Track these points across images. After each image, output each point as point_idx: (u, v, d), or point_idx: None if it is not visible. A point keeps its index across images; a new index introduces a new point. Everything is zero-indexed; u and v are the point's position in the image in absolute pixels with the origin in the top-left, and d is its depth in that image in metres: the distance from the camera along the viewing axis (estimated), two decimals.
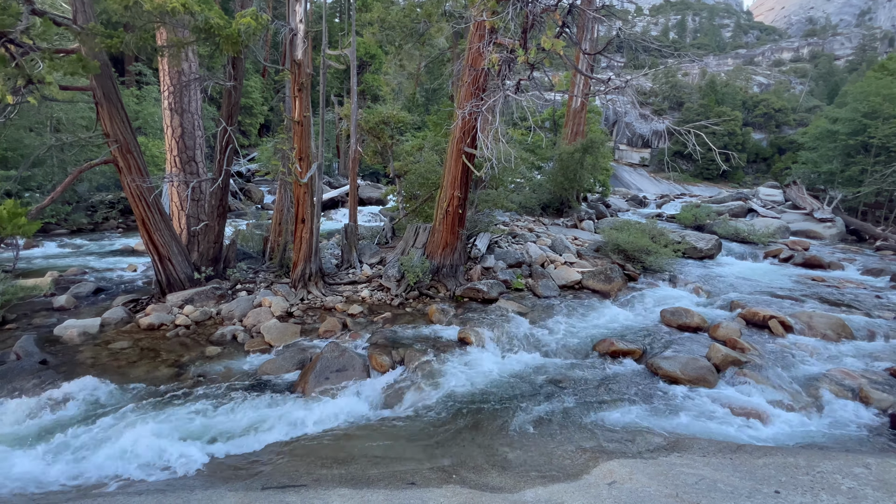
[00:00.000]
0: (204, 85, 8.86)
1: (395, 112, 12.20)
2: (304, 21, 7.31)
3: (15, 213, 5.87)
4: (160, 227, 7.34)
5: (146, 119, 18.04)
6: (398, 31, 15.97)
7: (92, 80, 6.50)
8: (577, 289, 9.13)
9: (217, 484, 3.48)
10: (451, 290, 8.40)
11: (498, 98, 6.04)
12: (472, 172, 8.07)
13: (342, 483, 3.49)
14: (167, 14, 6.10)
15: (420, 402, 5.05)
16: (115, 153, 6.83)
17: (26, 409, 4.49)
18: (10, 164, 13.14)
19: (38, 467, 3.73)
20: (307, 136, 7.49)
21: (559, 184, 15.91)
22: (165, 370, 5.55)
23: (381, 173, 28.52)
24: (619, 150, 47.41)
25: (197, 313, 6.94)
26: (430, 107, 25.64)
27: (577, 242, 12.31)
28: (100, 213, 14.99)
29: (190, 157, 8.84)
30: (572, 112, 16.79)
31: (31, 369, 5.24)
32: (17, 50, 5.23)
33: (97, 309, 7.33)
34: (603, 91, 6.48)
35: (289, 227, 9.12)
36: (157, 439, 4.12)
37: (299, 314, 7.29)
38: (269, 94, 29.95)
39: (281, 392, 5.18)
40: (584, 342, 6.71)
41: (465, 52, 8.35)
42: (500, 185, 11.67)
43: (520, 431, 4.56)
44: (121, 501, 3.02)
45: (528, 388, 5.43)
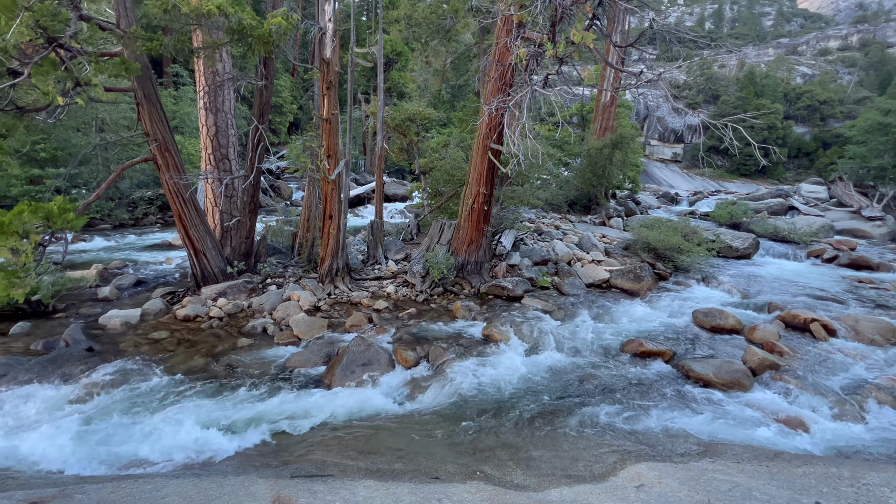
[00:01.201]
0: (237, 85, 9.13)
1: (421, 109, 12.24)
2: (333, 20, 7.41)
3: (64, 208, 6.22)
4: (196, 223, 7.63)
5: (182, 118, 18.75)
6: (424, 27, 15.98)
7: (133, 81, 6.80)
8: (605, 288, 8.94)
9: (248, 470, 3.60)
10: (475, 287, 8.39)
11: (525, 93, 5.96)
12: (498, 169, 8.01)
13: (368, 474, 3.55)
14: (203, 16, 6.31)
15: (444, 397, 5.06)
16: (154, 151, 7.13)
17: (75, 393, 4.77)
18: (60, 163, 13.94)
19: (85, 448, 3.96)
20: (335, 133, 7.61)
21: (587, 180, 15.60)
22: (200, 360, 5.78)
23: (406, 170, 28.71)
24: (649, 146, 46.03)
25: (229, 306, 7.19)
26: (456, 103, 25.58)
27: (605, 240, 12.05)
28: (140, 208, 15.71)
29: (223, 155, 9.13)
30: (601, 107, 16.39)
31: (79, 356, 5.56)
32: (66, 54, 5.52)
33: (137, 300, 7.69)
34: (634, 85, 6.30)
35: (317, 223, 9.30)
36: (192, 426, 4.30)
37: (326, 308, 7.44)
38: (298, 93, 30.61)
39: (308, 384, 5.31)
40: (612, 342, 6.57)
41: (491, 48, 8.28)
42: (526, 181, 11.54)
43: (545, 430, 4.51)
44: (160, 483, 3.17)
45: (554, 387, 5.37)
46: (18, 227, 5.63)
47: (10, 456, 3.83)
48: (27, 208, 5.90)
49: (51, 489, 3.05)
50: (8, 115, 5.62)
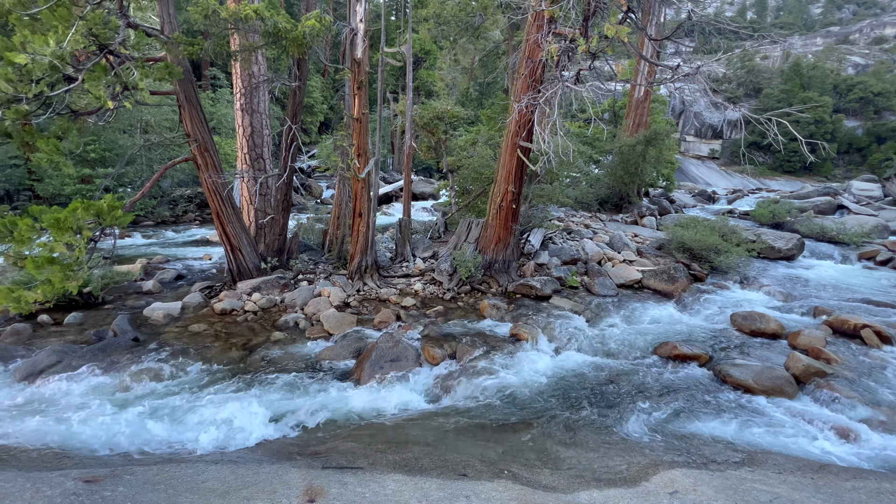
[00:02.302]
0: (271, 86, 9.40)
1: (450, 107, 12.25)
2: (364, 21, 7.52)
3: (113, 206, 6.59)
4: (232, 220, 7.92)
5: (220, 119, 19.49)
6: (453, 25, 15.99)
7: (176, 84, 7.11)
8: (637, 288, 8.70)
9: (282, 459, 3.72)
10: (503, 285, 8.34)
11: (556, 90, 5.87)
12: (527, 167, 7.92)
13: (396, 468, 3.60)
14: (241, 20, 6.54)
15: (471, 395, 5.07)
16: (194, 151, 7.44)
17: (123, 380, 5.06)
18: (108, 163, 14.78)
19: (132, 432, 4.19)
20: (365, 132, 7.73)
21: (618, 178, 15.21)
22: (236, 352, 6.00)
23: (433, 168, 28.82)
24: (685, 142, 44.38)
25: (263, 300, 7.43)
26: (484, 101, 25.45)
27: (638, 240, 11.72)
28: (180, 206, 16.45)
29: (258, 155, 9.43)
30: (634, 102, 15.93)
31: (126, 345, 5.89)
32: (115, 60, 5.83)
33: (178, 294, 8.06)
34: (670, 79, 6.09)
35: (347, 220, 9.48)
36: (230, 415, 4.47)
37: (355, 304, 7.58)
38: (328, 93, 31.23)
39: (338, 378, 5.42)
40: (644, 344, 6.39)
41: (521, 44, 8.19)
42: (556, 179, 11.37)
43: (574, 432, 4.44)
44: (201, 469, 3.32)
45: (583, 389, 5.28)
46: (73, 224, 6.01)
47: (66, 437, 4.09)
48: (80, 206, 6.28)
49: (102, 469, 3.25)
50: (63, 119, 5.99)
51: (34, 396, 4.75)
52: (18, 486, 2.85)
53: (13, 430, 4.14)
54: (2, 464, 3.40)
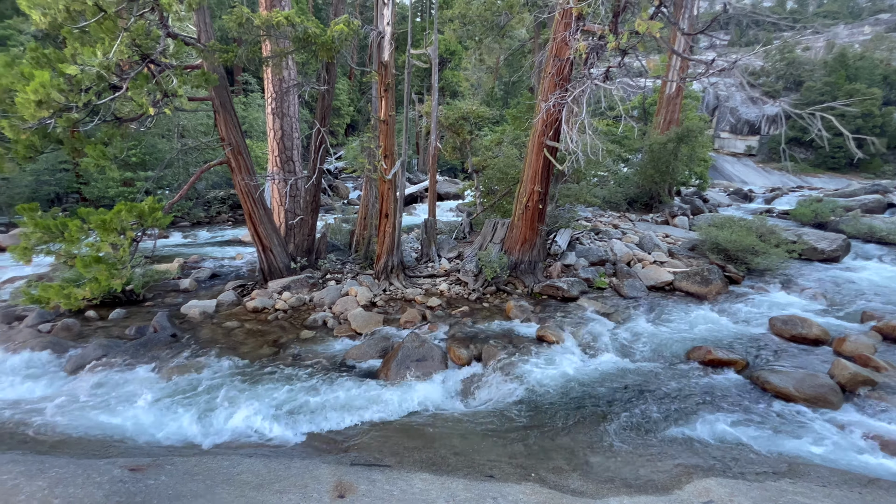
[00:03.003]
0: (301, 91, 9.64)
1: (475, 107, 12.23)
2: (391, 23, 7.60)
3: (154, 207, 6.91)
4: (264, 221, 8.16)
5: (251, 123, 20.12)
6: (478, 25, 15.95)
7: (211, 90, 7.39)
8: (668, 290, 8.45)
9: (312, 455, 3.81)
10: (529, 286, 8.26)
11: (585, 88, 5.77)
12: (554, 166, 7.82)
13: (423, 467, 3.63)
14: (272, 27, 6.74)
15: (497, 397, 5.05)
16: (228, 155, 7.71)
17: (162, 374, 5.30)
18: (148, 167, 15.50)
19: (172, 424, 4.38)
20: (392, 134, 7.81)
21: (649, 177, 14.80)
22: (267, 349, 6.18)
23: (458, 169, 28.82)
24: (719, 139, 42.75)
25: (293, 299, 7.62)
26: (510, 100, 25.29)
27: (669, 240, 11.38)
28: (214, 207, 17.07)
29: (288, 157, 9.68)
30: (666, 98, 15.46)
31: (165, 341, 6.16)
32: (156, 68, 6.11)
33: (213, 292, 8.37)
34: (704, 74, 5.89)
35: (373, 221, 9.61)
36: (261, 410, 4.61)
37: (382, 304, 7.67)
38: (355, 96, 31.74)
39: (365, 376, 5.51)
40: (676, 348, 6.20)
41: (548, 43, 8.09)
42: (583, 178, 11.18)
43: (603, 437, 4.36)
44: (236, 461, 3.44)
45: (612, 393, 5.17)
46: (117, 225, 6.33)
47: (111, 427, 4.32)
48: (124, 208, 6.61)
49: (145, 459, 3.42)
50: (109, 125, 6.32)
51: (82, 387, 5.03)
52: (71, 472, 3.04)
53: (64, 418, 4.40)
54: (56, 451, 3.62)
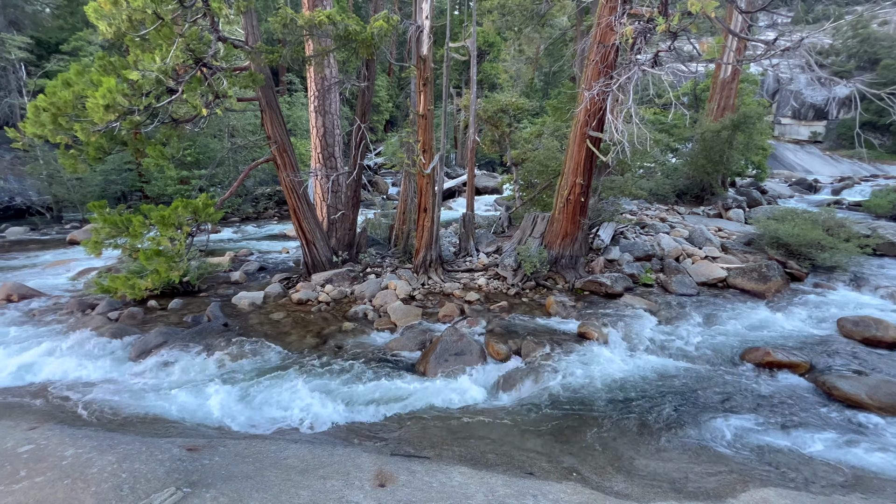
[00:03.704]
0: (342, 88, 9.84)
1: (514, 99, 12.01)
2: (430, 17, 7.58)
3: (207, 204, 7.31)
4: (307, 216, 8.43)
5: (295, 122, 20.82)
6: (518, 14, 15.61)
7: (258, 91, 7.68)
8: (721, 287, 7.97)
9: (353, 443, 3.91)
10: (570, 282, 8.05)
11: (631, 74, 5.50)
12: (597, 158, 7.54)
13: (462, 461, 3.62)
14: (315, 26, 6.89)
15: (537, 393, 4.96)
16: (274, 152, 8.00)
17: (216, 361, 5.61)
18: (201, 165, 16.42)
19: (225, 407, 4.64)
20: (430, 128, 7.82)
21: (700, 167, 13.98)
22: (311, 339, 6.40)
23: (496, 162, 28.52)
24: (780, 125, 39.66)
25: (335, 292, 7.84)
26: (550, 91, 24.66)
27: (722, 234, 10.72)
28: (261, 203, 17.85)
29: (330, 154, 9.93)
30: (720, 83, 14.49)
31: (218, 330, 6.52)
32: (208, 72, 6.42)
33: (261, 284, 8.77)
34: (764, 55, 5.46)
35: (412, 216, 9.69)
36: (305, 397, 4.79)
37: (420, 298, 7.73)
38: (393, 92, 32.08)
39: (405, 368, 5.58)
40: (730, 348, 5.84)
41: (591, 29, 7.78)
42: (628, 170, 10.72)
43: (649, 438, 4.18)
44: (283, 446, 3.59)
45: (658, 393, 4.94)
46: (175, 220, 6.73)
47: (170, 408, 4.63)
48: (180, 204, 7.02)
49: (201, 440, 3.63)
50: (166, 127, 6.71)
51: (145, 371, 5.42)
52: (136, 449, 3.27)
53: (130, 399, 4.76)
54: (123, 429, 3.93)
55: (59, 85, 5.34)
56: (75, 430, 3.64)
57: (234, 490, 2.88)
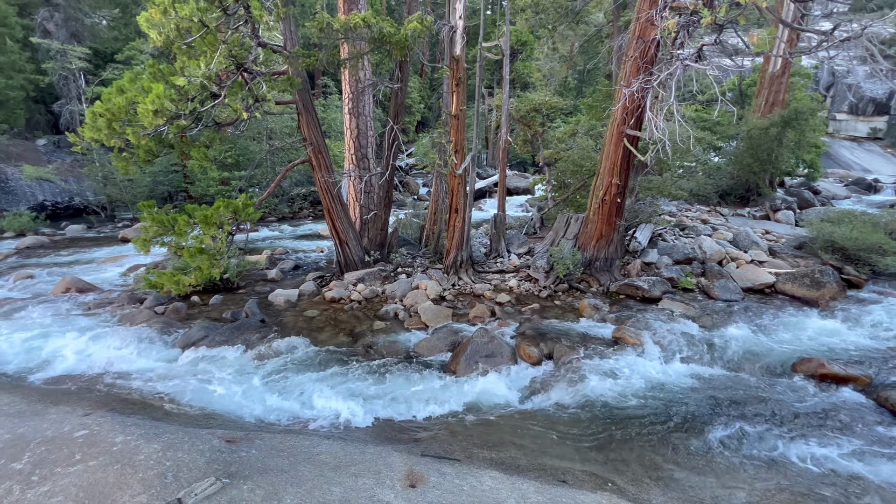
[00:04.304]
0: (375, 90, 9.97)
1: (547, 98, 11.81)
2: (463, 17, 7.56)
3: (246, 204, 7.58)
4: (341, 216, 8.59)
5: (329, 124, 21.31)
6: (552, 12, 15.36)
7: (295, 94, 7.89)
8: (768, 293, 7.53)
9: (384, 442, 3.93)
10: (604, 285, 7.82)
11: (673, 70, 5.27)
12: (634, 157, 7.29)
13: (492, 465, 3.57)
14: (350, 29, 7.01)
15: (570, 398, 4.83)
16: (310, 154, 8.20)
17: (253, 355, 5.80)
18: (241, 167, 17.08)
19: (261, 401, 4.78)
20: (463, 128, 7.79)
21: (745, 166, 13.27)
22: (343, 337, 6.51)
23: (528, 162, 28.18)
24: (835, 121, 37.11)
25: (367, 291, 7.94)
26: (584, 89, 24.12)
27: (769, 237, 10.14)
28: (296, 203, 18.37)
29: (363, 155, 10.08)
30: (769, 77, 13.70)
31: (255, 326, 6.74)
32: (248, 76, 6.65)
33: (295, 282, 9.00)
34: (819, 46, 5.11)
35: (443, 216, 9.70)
36: (338, 394, 4.87)
37: (451, 298, 7.72)
38: (425, 93, 32.30)
39: (435, 369, 5.57)
40: (779, 359, 5.50)
41: (629, 25, 7.53)
42: (667, 170, 10.32)
43: (689, 451, 3.99)
44: (316, 442, 3.66)
45: (700, 403, 4.71)
46: (217, 220, 7.01)
47: (210, 400, 4.82)
48: (222, 204, 7.30)
49: (239, 432, 3.75)
50: (210, 130, 7.00)
51: (187, 363, 5.67)
52: (179, 439, 3.42)
53: (173, 390, 4.99)
54: (167, 418, 4.11)
55: (114, 92, 5.67)
56: (125, 418, 3.84)
57: (269, 483, 2.95)
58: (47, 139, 19.21)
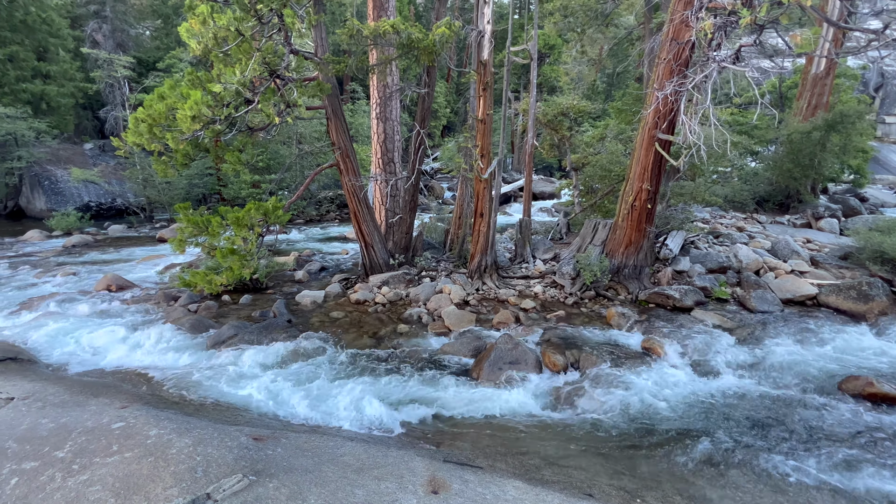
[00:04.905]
0: (403, 95, 10.08)
1: (575, 102, 11.65)
2: (491, 22, 7.55)
3: (276, 206, 7.78)
4: (367, 219, 8.69)
5: (357, 128, 21.68)
6: (581, 15, 15.18)
7: (325, 99, 8.05)
8: (810, 305, 7.15)
9: (407, 446, 3.92)
10: (633, 293, 7.61)
11: (709, 72, 5.10)
12: (666, 162, 7.08)
13: (516, 475, 3.51)
14: (379, 36, 7.10)
15: (597, 409, 4.71)
16: (338, 158, 8.34)
17: (280, 355, 5.92)
18: (272, 170, 17.57)
19: (287, 401, 4.86)
20: (489, 133, 7.77)
21: (785, 172, 12.68)
22: (367, 339, 6.56)
23: (554, 167, 27.87)
24: (885, 125, 35.12)
25: (391, 294, 7.99)
26: (613, 92, 23.68)
27: (811, 246, 9.64)
28: (323, 206, 18.74)
29: (390, 159, 10.19)
30: (811, 79, 13.08)
31: (282, 326, 6.88)
32: (280, 82, 6.84)
33: (322, 283, 9.16)
34: (867, 46, 4.85)
35: (468, 220, 9.67)
36: (361, 397, 4.88)
37: (474, 303, 7.67)
38: (451, 97, 32.44)
39: (458, 374, 5.53)
40: (822, 376, 5.20)
41: (662, 27, 7.35)
42: (700, 175, 9.98)
43: (723, 469, 3.80)
44: (339, 443, 3.68)
45: (734, 418, 4.50)
46: (248, 221, 7.21)
47: (238, 398, 4.93)
48: (253, 206, 7.51)
49: (266, 430, 3.82)
50: (243, 135, 7.22)
51: (218, 361, 5.83)
52: (209, 434, 3.51)
53: (204, 386, 5.14)
54: (198, 413, 4.23)
55: (155, 98, 5.93)
56: (158, 412, 3.97)
57: (294, 482, 2.99)
58: (93, 143, 20.33)
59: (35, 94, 18.27)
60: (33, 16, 18.22)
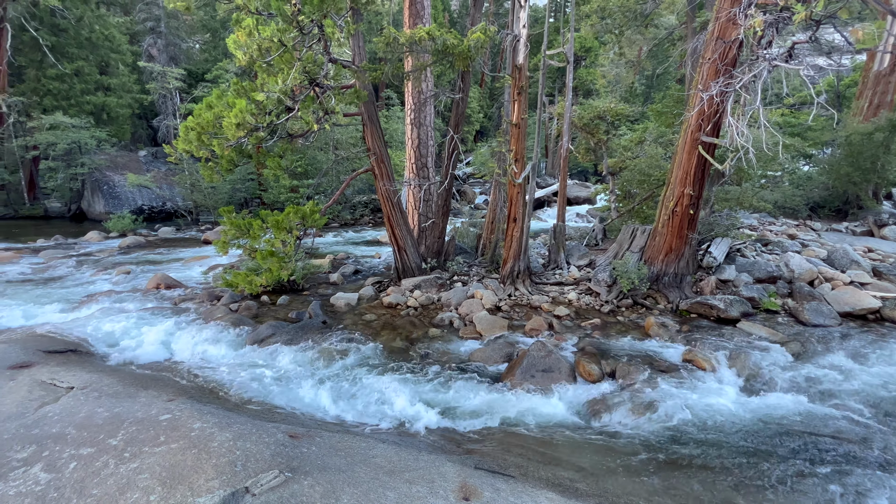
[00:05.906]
0: (437, 101, 10.17)
1: (613, 105, 11.37)
2: (526, 25, 7.50)
3: (314, 210, 8.01)
4: (400, 224, 8.79)
5: (391, 134, 22.05)
6: (619, 16, 14.82)
7: (361, 106, 8.24)
8: (873, 320, 6.62)
9: (437, 451, 3.91)
10: (673, 302, 7.30)
11: (759, 70, 4.84)
12: (710, 166, 6.78)
13: (549, 486, 3.41)
14: (415, 43, 7.21)
15: (634, 422, 4.53)
16: (373, 163, 8.50)
17: (315, 355, 6.06)
18: (309, 175, 18.13)
19: (322, 400, 4.97)
20: (524, 137, 7.70)
21: (843, 176, 11.85)
22: (400, 343, 6.61)
23: (589, 172, 27.29)
24: None
25: (423, 298, 8.03)
26: (653, 94, 22.95)
27: (873, 256, 8.95)
28: (358, 211, 19.13)
29: (423, 164, 10.29)
30: (873, 77, 12.19)
31: (317, 327, 7.05)
32: (320, 91, 7.05)
33: (355, 286, 9.32)
34: None
35: (500, 225, 9.60)
36: (393, 398, 4.93)
37: (507, 309, 7.59)
38: (484, 102, 32.45)
39: (489, 380, 5.48)
40: (889, 397, 4.78)
41: (706, 26, 7.05)
42: (747, 179, 9.48)
43: (777, 492, 3.56)
44: (371, 444, 3.72)
45: (788, 439, 4.20)
46: (287, 225, 7.45)
47: (275, 395, 5.08)
48: (292, 210, 7.76)
49: (301, 428, 3.91)
50: (283, 141, 7.49)
51: (256, 359, 6.04)
52: (248, 430, 3.63)
53: (244, 382, 5.33)
54: (238, 409, 4.39)
55: (204, 108, 6.25)
56: (202, 406, 4.15)
57: (328, 481, 3.03)
58: (147, 150, 21.69)
59: (97, 106, 19.71)
60: (97, 33, 19.72)
